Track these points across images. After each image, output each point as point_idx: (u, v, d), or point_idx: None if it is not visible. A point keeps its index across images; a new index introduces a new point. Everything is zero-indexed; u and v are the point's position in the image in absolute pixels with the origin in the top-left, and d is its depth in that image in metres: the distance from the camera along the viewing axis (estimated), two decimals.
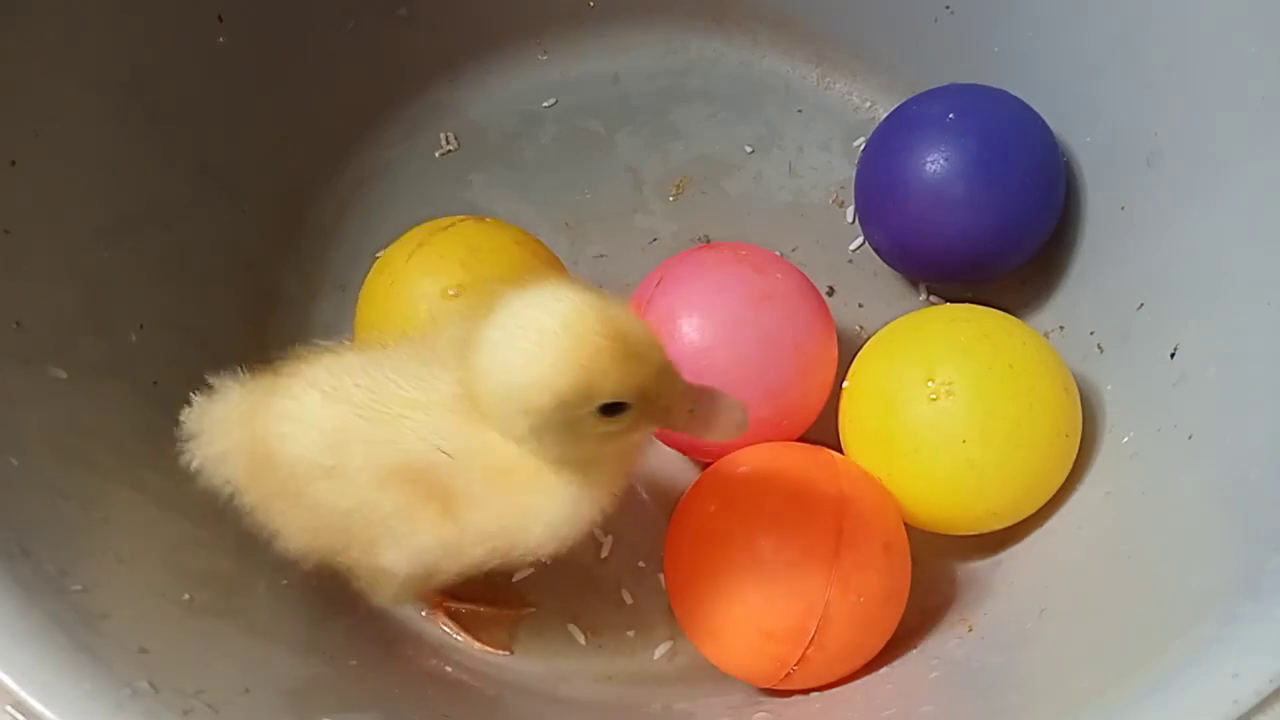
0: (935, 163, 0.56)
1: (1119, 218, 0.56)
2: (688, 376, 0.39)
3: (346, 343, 0.46)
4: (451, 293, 0.54)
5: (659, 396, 0.37)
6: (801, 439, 0.55)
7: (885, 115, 0.62)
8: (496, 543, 0.42)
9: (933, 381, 0.50)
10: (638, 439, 0.40)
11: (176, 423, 0.47)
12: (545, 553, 0.42)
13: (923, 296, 0.65)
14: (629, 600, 0.58)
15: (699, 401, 0.39)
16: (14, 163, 0.48)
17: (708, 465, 0.54)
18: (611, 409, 0.36)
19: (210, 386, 0.47)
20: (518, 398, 0.36)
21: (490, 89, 0.73)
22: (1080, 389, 0.53)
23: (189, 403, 0.47)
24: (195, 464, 0.45)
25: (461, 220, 0.59)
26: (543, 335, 0.35)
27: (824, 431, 0.56)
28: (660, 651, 0.56)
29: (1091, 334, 0.56)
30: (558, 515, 0.41)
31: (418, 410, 0.42)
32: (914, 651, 0.52)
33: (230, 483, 0.46)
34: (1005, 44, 0.61)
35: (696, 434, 0.39)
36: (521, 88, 0.73)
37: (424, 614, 0.56)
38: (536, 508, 0.41)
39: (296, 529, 0.46)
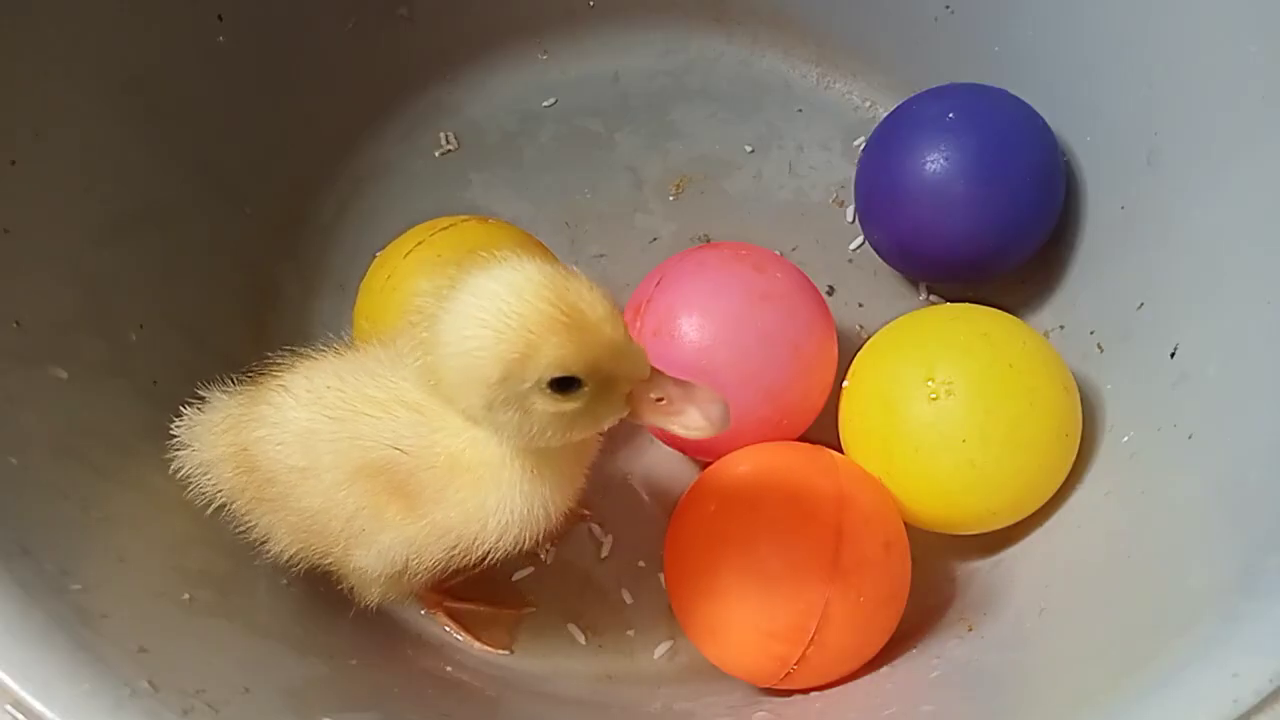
0: (935, 162, 0.56)
1: (1119, 218, 0.56)
2: (683, 373, 0.38)
3: (334, 345, 0.46)
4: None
5: (617, 379, 0.36)
6: (801, 439, 0.55)
7: (885, 115, 0.62)
8: (454, 538, 0.42)
9: (932, 381, 0.50)
10: (597, 426, 0.38)
11: (176, 422, 0.47)
12: (504, 548, 0.42)
13: (923, 296, 0.65)
14: (629, 600, 0.58)
15: (669, 391, 0.37)
16: (14, 163, 0.48)
17: (708, 465, 0.54)
18: (564, 385, 0.35)
19: (208, 386, 0.47)
20: (469, 367, 0.35)
21: (490, 89, 0.73)
22: (1080, 389, 0.53)
23: (189, 402, 0.47)
24: (184, 473, 0.46)
25: (463, 220, 0.59)
26: (493, 302, 0.34)
27: (824, 431, 0.56)
28: (660, 651, 0.56)
29: (1091, 334, 0.56)
30: (509, 513, 0.41)
31: (379, 408, 0.42)
32: (914, 651, 0.52)
33: (220, 490, 0.46)
34: (1005, 44, 0.61)
35: (664, 425, 0.37)
36: (521, 88, 0.73)
37: (424, 614, 0.56)
38: (489, 504, 0.41)
39: (283, 532, 0.46)
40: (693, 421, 0.37)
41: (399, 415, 0.42)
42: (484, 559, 0.43)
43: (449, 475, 0.41)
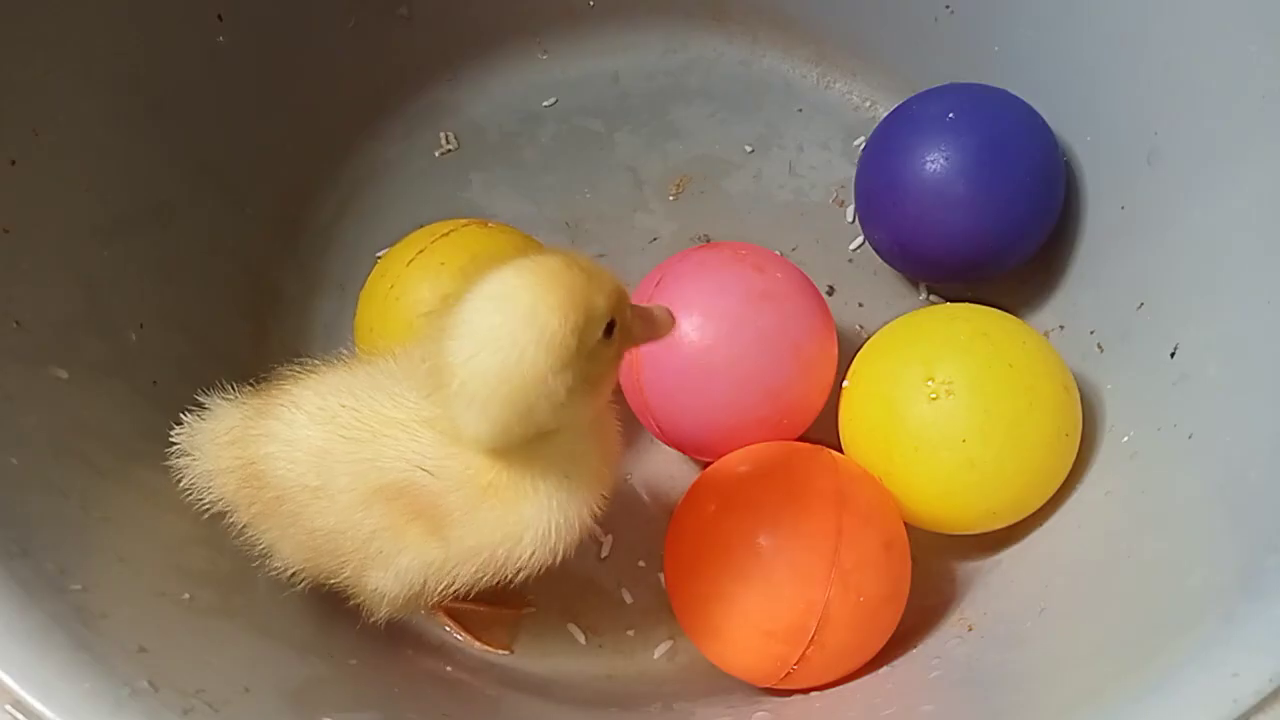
0: (935, 162, 0.56)
1: (1119, 217, 0.56)
2: (683, 373, 0.39)
3: (337, 358, 0.46)
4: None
5: (624, 310, 0.39)
6: (801, 439, 0.55)
7: (885, 115, 0.62)
8: (487, 559, 0.42)
9: (932, 381, 0.50)
10: (620, 360, 0.41)
11: (176, 422, 0.47)
12: (538, 563, 0.42)
13: (923, 296, 0.65)
14: (629, 600, 0.58)
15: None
16: (14, 163, 0.48)
17: (708, 465, 0.54)
18: (608, 331, 0.38)
19: (207, 392, 0.47)
20: (553, 359, 0.35)
21: (490, 89, 0.73)
22: (1080, 389, 0.53)
23: (189, 403, 0.47)
24: (185, 482, 0.46)
25: (464, 225, 0.59)
26: (530, 289, 0.36)
27: (824, 431, 0.56)
28: (660, 651, 0.56)
29: (1091, 334, 0.56)
30: (547, 523, 0.41)
31: (399, 429, 0.42)
32: (914, 651, 0.52)
33: (222, 501, 0.46)
34: (1005, 44, 0.61)
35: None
36: (521, 87, 0.73)
37: (424, 614, 0.56)
38: (524, 518, 0.41)
39: (290, 549, 0.46)
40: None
41: (422, 436, 0.41)
42: (514, 577, 0.43)
43: (480, 495, 0.41)
